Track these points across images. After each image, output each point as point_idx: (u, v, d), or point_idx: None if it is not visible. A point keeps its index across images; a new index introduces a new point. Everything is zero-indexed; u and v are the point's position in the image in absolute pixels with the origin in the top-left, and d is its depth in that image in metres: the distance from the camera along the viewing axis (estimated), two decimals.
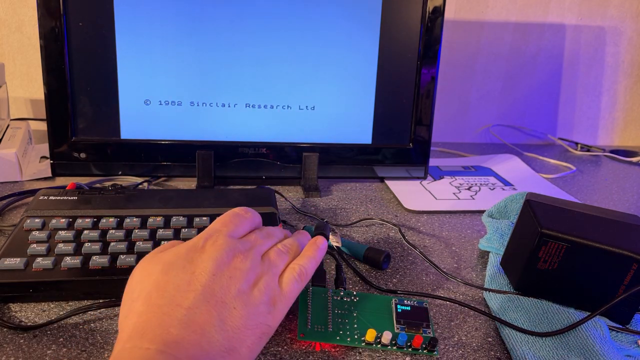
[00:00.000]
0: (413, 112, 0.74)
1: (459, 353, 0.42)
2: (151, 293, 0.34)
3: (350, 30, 0.70)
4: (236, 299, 0.34)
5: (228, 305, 0.34)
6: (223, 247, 0.37)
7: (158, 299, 0.33)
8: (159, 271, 0.35)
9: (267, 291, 0.36)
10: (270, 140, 0.72)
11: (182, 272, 0.35)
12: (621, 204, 0.77)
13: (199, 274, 0.35)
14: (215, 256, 0.36)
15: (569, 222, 0.46)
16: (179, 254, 0.36)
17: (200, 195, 0.58)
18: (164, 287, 0.34)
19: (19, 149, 0.71)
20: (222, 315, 0.33)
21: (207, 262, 0.35)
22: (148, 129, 0.69)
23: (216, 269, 0.35)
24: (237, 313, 0.34)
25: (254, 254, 0.38)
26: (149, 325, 0.32)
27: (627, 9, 1.02)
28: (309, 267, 0.40)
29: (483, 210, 0.67)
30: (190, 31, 0.67)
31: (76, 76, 0.66)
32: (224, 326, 0.33)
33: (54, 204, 0.54)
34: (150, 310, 0.33)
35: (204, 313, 0.33)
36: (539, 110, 1.07)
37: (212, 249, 0.36)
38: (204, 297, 0.33)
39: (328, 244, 0.54)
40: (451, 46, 0.99)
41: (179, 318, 0.32)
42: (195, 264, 0.35)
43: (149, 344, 0.31)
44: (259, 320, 0.35)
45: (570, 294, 0.46)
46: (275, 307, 0.37)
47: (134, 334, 0.32)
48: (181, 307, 0.33)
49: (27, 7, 0.88)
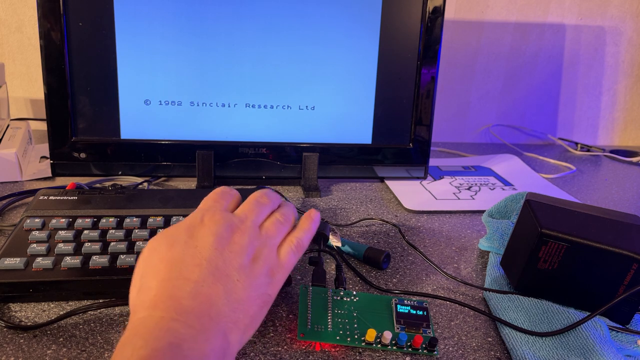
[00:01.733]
0: (413, 112, 0.74)
1: (459, 353, 0.42)
2: (159, 268, 0.35)
3: (350, 31, 0.70)
4: (239, 272, 0.36)
5: (232, 278, 0.36)
6: (221, 222, 0.38)
7: (167, 273, 0.35)
8: (164, 246, 0.37)
9: (266, 263, 0.38)
10: (270, 140, 0.72)
11: (186, 247, 0.36)
12: (621, 204, 0.77)
13: (202, 248, 0.36)
14: (215, 230, 0.37)
15: (569, 222, 0.46)
16: (179, 229, 0.38)
17: (201, 195, 0.57)
18: (171, 261, 0.35)
19: (19, 149, 0.71)
20: (227, 288, 0.35)
21: (209, 236, 0.37)
22: (148, 129, 0.69)
23: (217, 243, 0.37)
24: (240, 285, 0.36)
25: (251, 228, 0.39)
26: (160, 298, 0.33)
27: (627, 9, 1.02)
28: (304, 239, 0.42)
29: (483, 210, 0.67)
30: (190, 31, 0.67)
31: (76, 76, 0.66)
32: (229, 297, 0.35)
33: (54, 204, 0.54)
34: (161, 284, 0.34)
35: (210, 286, 0.34)
36: (539, 110, 1.07)
37: (211, 223, 0.38)
38: (209, 271, 0.35)
39: (328, 243, 0.54)
40: (451, 46, 0.99)
41: (188, 291, 0.34)
42: (197, 239, 0.37)
43: (162, 312, 0.32)
44: (260, 291, 0.37)
45: (570, 294, 0.46)
46: (274, 277, 0.38)
47: (148, 306, 0.33)
48: (189, 280, 0.34)
49: (27, 7, 0.88)
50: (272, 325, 0.44)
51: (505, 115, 1.06)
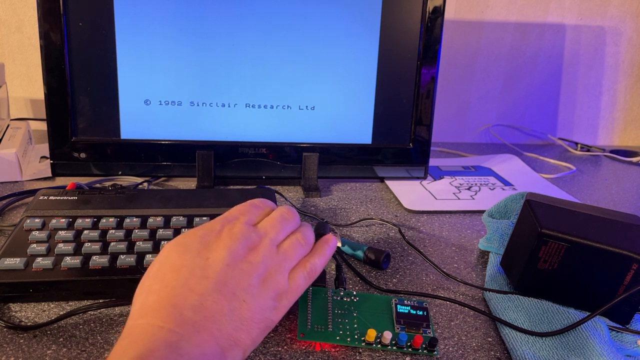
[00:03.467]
0: (413, 112, 0.74)
1: (459, 353, 0.42)
2: (166, 274, 0.35)
3: (350, 30, 0.70)
4: (246, 293, 0.35)
5: (238, 297, 0.35)
6: (238, 237, 0.37)
7: (173, 281, 0.34)
8: (176, 252, 0.36)
9: (275, 287, 0.37)
10: (270, 140, 0.72)
11: (197, 257, 0.36)
12: (621, 204, 0.77)
13: (212, 262, 0.36)
14: (230, 246, 0.37)
15: (569, 222, 0.46)
16: (195, 236, 0.37)
17: (201, 195, 0.58)
18: (179, 269, 0.35)
19: (19, 149, 0.71)
20: (232, 307, 0.34)
21: (222, 251, 0.36)
22: (148, 129, 0.69)
23: (230, 260, 0.36)
24: (246, 306, 0.35)
25: (268, 246, 0.39)
26: (161, 305, 0.33)
27: (627, 9, 1.02)
28: (318, 265, 0.41)
29: (483, 210, 0.67)
30: (190, 31, 0.67)
31: (76, 76, 0.66)
32: (233, 317, 0.34)
33: (54, 204, 0.54)
34: (164, 290, 0.34)
35: (215, 302, 0.34)
36: (539, 110, 1.07)
37: (228, 237, 0.37)
38: (216, 286, 0.34)
39: None
40: (451, 46, 0.99)
41: (191, 303, 0.33)
42: (210, 250, 0.36)
43: (162, 322, 0.32)
44: (265, 315, 0.36)
45: (570, 294, 0.46)
46: (280, 302, 0.37)
47: (148, 311, 0.33)
48: (194, 292, 0.34)
49: (27, 7, 0.88)
50: None
51: (505, 115, 1.06)
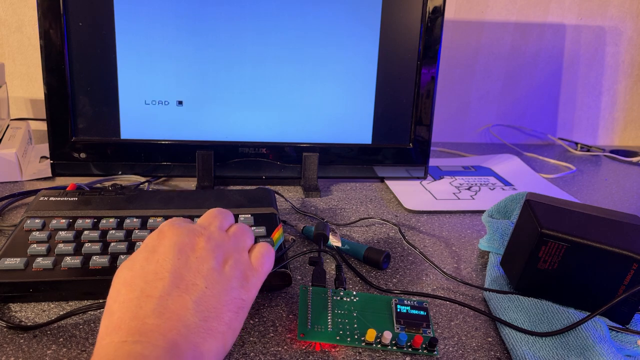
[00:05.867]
0: (413, 112, 0.74)
1: (459, 353, 0.42)
2: (121, 291, 0.34)
3: (350, 30, 0.70)
4: (207, 278, 0.34)
5: (199, 286, 0.34)
6: (182, 231, 0.37)
7: (128, 294, 0.33)
8: (125, 269, 0.35)
9: (238, 266, 0.37)
10: (270, 140, 0.72)
11: (146, 263, 0.35)
12: (621, 204, 0.77)
13: (163, 261, 0.35)
14: (176, 240, 0.36)
15: (569, 222, 0.46)
16: (139, 250, 0.37)
17: (201, 196, 0.58)
18: (132, 282, 0.34)
19: (19, 149, 0.71)
20: (195, 298, 0.33)
21: (169, 247, 0.35)
22: (148, 129, 0.69)
23: (179, 252, 0.35)
24: (209, 292, 0.34)
25: (217, 231, 0.38)
26: (122, 320, 0.32)
27: (627, 9, 1.02)
28: (271, 249, 0.41)
29: (483, 210, 0.67)
30: (190, 31, 0.67)
31: (76, 76, 0.66)
32: (198, 307, 0.33)
33: (55, 204, 0.54)
34: (122, 306, 0.33)
35: (176, 299, 0.33)
36: (539, 110, 1.07)
37: (171, 232, 0.37)
38: (173, 283, 0.33)
39: (328, 243, 0.54)
40: (451, 46, 0.99)
41: (152, 308, 0.32)
42: (157, 252, 0.35)
43: (125, 337, 0.31)
44: (232, 295, 0.35)
45: (570, 294, 0.46)
46: (248, 281, 0.37)
47: (110, 330, 0.32)
48: (152, 297, 0.33)
49: (27, 7, 0.88)
50: (272, 325, 0.44)
51: (505, 115, 1.06)
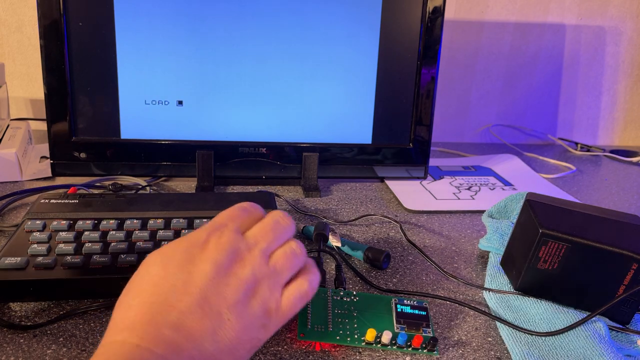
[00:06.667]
0: (413, 112, 0.74)
1: (459, 353, 0.42)
2: (146, 288, 0.32)
3: (350, 30, 0.70)
4: (231, 310, 0.33)
5: (222, 316, 0.32)
6: (225, 248, 0.34)
7: (152, 296, 0.32)
8: (157, 265, 0.33)
9: (264, 303, 0.34)
10: (270, 140, 0.72)
11: (180, 270, 0.33)
12: (621, 204, 0.77)
13: (196, 276, 0.33)
14: (216, 258, 0.34)
15: (569, 222, 0.46)
16: (179, 248, 0.34)
17: (201, 199, 0.58)
18: (160, 283, 0.32)
19: (19, 149, 0.71)
20: (215, 326, 0.32)
21: (207, 264, 0.33)
22: (148, 129, 0.69)
23: (215, 274, 0.33)
24: (230, 325, 0.32)
25: (258, 257, 0.35)
26: (139, 321, 0.31)
27: (627, 9, 1.02)
28: (315, 282, 0.37)
29: (483, 210, 0.67)
30: (190, 31, 0.67)
31: (76, 76, 0.66)
32: (215, 337, 0.32)
33: (55, 206, 0.54)
34: (144, 306, 0.31)
35: (197, 320, 0.31)
36: (539, 110, 1.07)
37: (214, 248, 0.34)
38: (198, 303, 0.32)
39: (328, 243, 0.54)
40: (451, 46, 0.99)
41: (171, 320, 0.31)
42: (194, 264, 0.33)
43: (139, 340, 0.30)
44: (251, 335, 0.33)
45: (570, 294, 0.46)
46: (270, 320, 0.34)
47: (125, 328, 0.31)
48: (174, 308, 0.31)
49: (27, 7, 0.88)
50: None
51: (505, 115, 1.06)
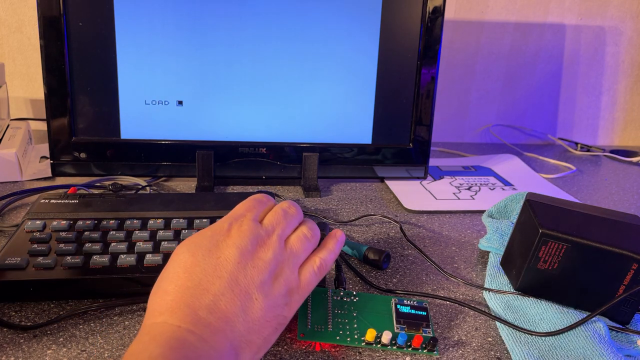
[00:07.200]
0: (413, 112, 0.74)
1: (459, 353, 0.42)
2: (180, 275, 0.35)
3: (350, 30, 0.70)
4: (258, 290, 0.36)
5: (251, 296, 0.35)
6: (247, 234, 0.38)
7: (186, 281, 0.35)
8: (188, 253, 0.36)
9: (286, 283, 0.38)
10: (270, 140, 0.72)
11: (209, 256, 0.36)
12: (621, 204, 0.77)
13: (224, 260, 0.36)
14: (240, 244, 0.37)
15: (569, 222, 0.46)
16: (204, 236, 0.38)
17: (201, 199, 0.58)
18: (192, 269, 0.35)
19: (19, 149, 0.71)
20: (244, 306, 0.35)
21: (232, 249, 0.37)
22: (148, 129, 0.69)
23: (240, 257, 0.36)
24: (257, 305, 0.35)
25: (277, 242, 0.39)
26: (177, 305, 0.33)
27: (627, 9, 1.02)
28: (329, 260, 0.41)
29: (483, 210, 0.67)
30: (190, 31, 0.67)
31: (76, 76, 0.66)
32: (246, 317, 0.35)
33: (55, 207, 0.54)
34: (179, 290, 0.34)
35: (229, 301, 0.34)
36: (539, 110, 1.07)
37: (237, 234, 0.38)
38: (229, 285, 0.35)
39: None
40: (451, 46, 0.99)
41: (206, 303, 0.34)
42: (220, 250, 0.37)
43: (180, 322, 0.32)
44: (276, 312, 0.36)
45: (570, 294, 0.46)
46: (292, 298, 0.38)
47: (164, 311, 0.33)
48: (208, 292, 0.34)
49: (27, 7, 0.88)
50: None
51: (505, 115, 1.06)
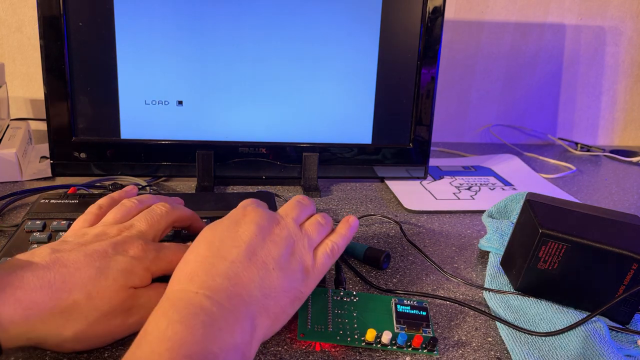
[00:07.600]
0: (413, 112, 0.74)
1: (459, 353, 0.42)
2: (200, 247, 0.38)
3: (350, 30, 0.70)
4: (276, 262, 0.38)
5: (268, 266, 0.37)
6: (263, 214, 0.40)
7: (205, 251, 0.37)
8: (209, 229, 0.40)
9: (302, 261, 0.40)
10: (270, 140, 0.72)
11: (227, 230, 0.39)
12: (621, 204, 0.77)
13: (242, 233, 0.38)
14: (257, 220, 0.40)
15: (569, 222, 0.46)
16: (223, 219, 0.41)
17: (201, 199, 0.58)
18: (211, 240, 0.38)
19: (19, 149, 0.71)
20: (261, 274, 0.37)
21: (250, 224, 0.39)
22: (148, 129, 0.69)
23: (258, 231, 0.39)
24: (275, 275, 0.37)
25: (292, 223, 0.41)
26: (196, 273, 0.35)
27: (627, 9, 1.02)
28: (341, 244, 0.43)
29: (483, 210, 0.67)
30: (190, 31, 0.67)
31: (76, 76, 0.66)
32: (263, 284, 0.36)
33: (55, 207, 0.54)
34: (197, 259, 0.37)
35: (246, 269, 0.36)
36: (539, 110, 1.07)
37: (254, 213, 0.40)
38: (246, 254, 0.37)
39: None
40: (451, 46, 0.99)
41: (223, 269, 0.36)
42: (239, 225, 0.39)
43: (197, 288, 0.34)
44: (293, 285, 0.38)
45: (570, 294, 0.46)
46: (308, 276, 0.40)
47: (183, 279, 0.36)
48: (225, 259, 0.36)
49: (27, 7, 0.88)
50: None
51: (505, 115, 1.06)
